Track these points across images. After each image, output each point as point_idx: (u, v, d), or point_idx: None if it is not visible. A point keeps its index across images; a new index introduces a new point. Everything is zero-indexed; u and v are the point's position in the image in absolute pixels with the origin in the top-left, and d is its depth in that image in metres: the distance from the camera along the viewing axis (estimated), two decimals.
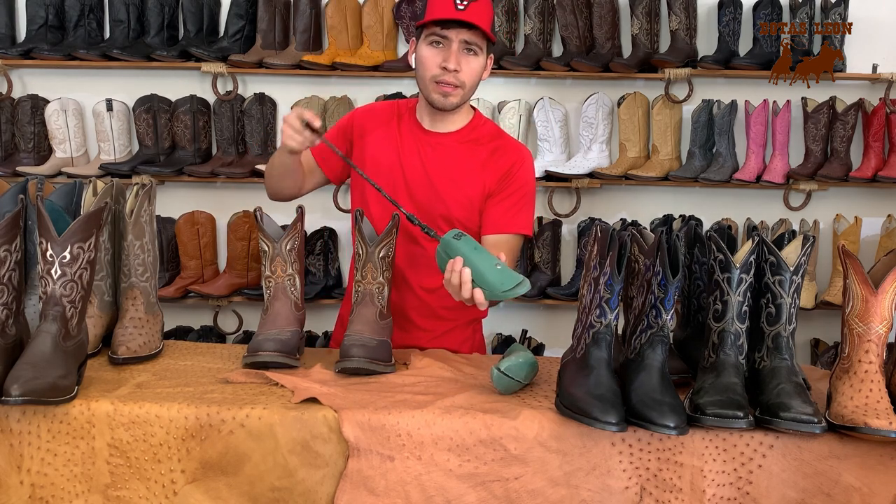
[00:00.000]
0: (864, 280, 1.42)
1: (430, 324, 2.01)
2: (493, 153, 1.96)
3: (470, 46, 1.84)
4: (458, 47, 1.83)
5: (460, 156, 1.95)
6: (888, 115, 3.18)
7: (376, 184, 1.77)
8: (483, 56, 1.88)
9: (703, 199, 3.38)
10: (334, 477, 1.44)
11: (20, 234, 1.49)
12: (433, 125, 1.97)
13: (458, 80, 1.85)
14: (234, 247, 3.36)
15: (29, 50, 3.27)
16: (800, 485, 1.41)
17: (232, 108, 3.34)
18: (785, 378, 1.43)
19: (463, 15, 1.79)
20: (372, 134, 2.00)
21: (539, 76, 3.32)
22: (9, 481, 1.45)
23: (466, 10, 1.80)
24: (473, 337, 2.10)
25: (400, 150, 1.97)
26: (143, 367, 1.69)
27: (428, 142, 1.96)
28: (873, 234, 3.27)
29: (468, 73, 1.86)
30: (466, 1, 1.80)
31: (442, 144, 1.96)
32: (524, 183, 1.96)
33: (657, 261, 1.44)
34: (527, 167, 1.99)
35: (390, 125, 1.99)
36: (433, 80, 1.86)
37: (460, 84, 1.86)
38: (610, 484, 1.43)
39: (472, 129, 1.98)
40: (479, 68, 1.88)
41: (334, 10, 3.27)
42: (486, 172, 1.95)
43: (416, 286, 1.99)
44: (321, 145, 1.95)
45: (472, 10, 1.80)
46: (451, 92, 1.86)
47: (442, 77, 1.84)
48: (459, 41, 1.83)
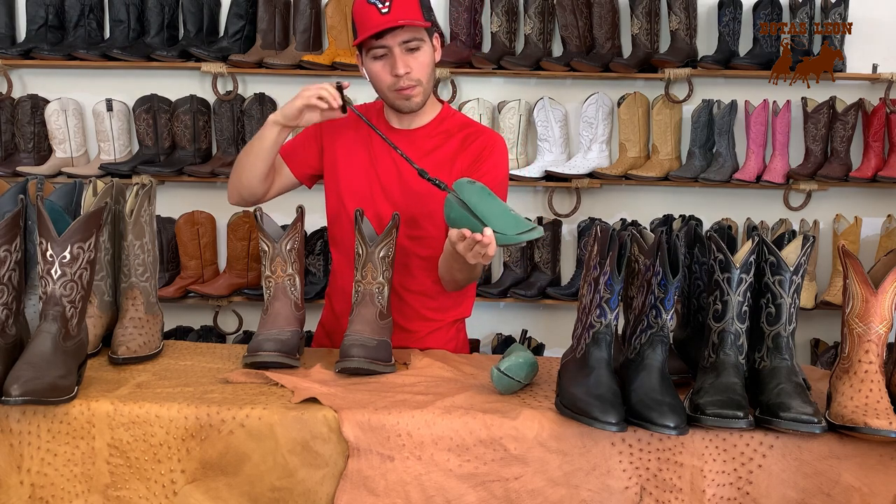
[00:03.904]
0: (864, 280, 1.42)
1: (414, 325, 2.01)
2: (462, 141, 1.97)
3: (410, 45, 1.84)
4: (400, 51, 1.84)
5: (431, 150, 1.96)
6: (888, 115, 3.18)
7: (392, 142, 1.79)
8: (427, 44, 1.88)
9: (703, 199, 3.38)
10: (334, 477, 1.44)
11: (20, 234, 1.49)
12: (401, 123, 1.99)
13: (412, 79, 1.86)
14: (234, 247, 3.36)
15: (29, 50, 3.27)
16: (800, 485, 1.41)
17: (232, 108, 3.34)
18: (785, 378, 1.43)
19: (389, 18, 1.79)
20: (342, 138, 2.02)
21: (539, 76, 3.32)
22: (9, 481, 1.45)
23: (391, 11, 1.80)
24: (457, 337, 2.10)
25: (371, 152, 1.99)
26: (143, 367, 1.69)
27: (398, 141, 1.94)
28: (873, 234, 3.27)
29: (419, 69, 1.87)
30: (388, 2, 1.80)
31: (412, 142, 1.96)
32: (494, 165, 1.95)
33: (657, 261, 1.44)
34: (498, 151, 1.97)
35: (359, 128, 2.00)
36: (390, 89, 1.88)
37: (416, 82, 1.87)
38: (610, 484, 1.43)
39: (441, 122, 1.99)
40: (427, 59, 1.88)
41: (334, 10, 3.27)
42: (457, 161, 1.95)
43: (399, 287, 1.98)
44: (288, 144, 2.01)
45: (396, 9, 1.80)
46: (411, 93, 1.88)
47: (397, 84, 1.87)
48: (398, 44, 1.83)
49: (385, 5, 1.79)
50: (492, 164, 1.95)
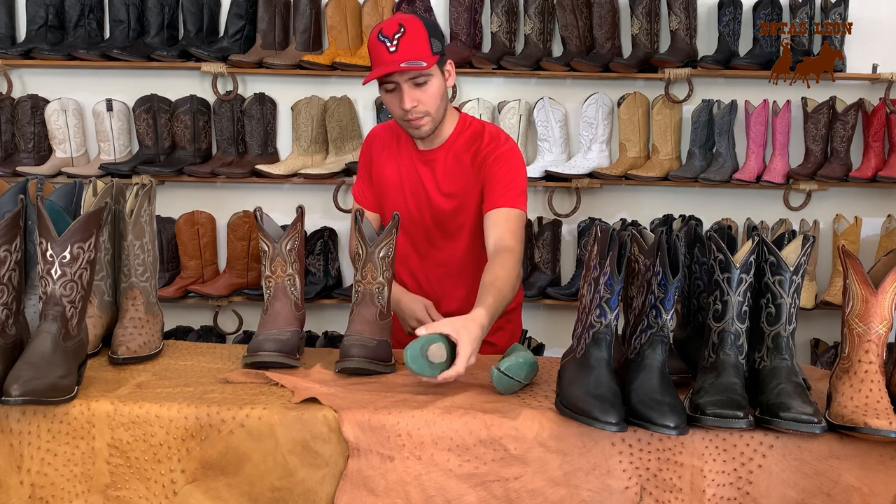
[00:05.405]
0: (864, 280, 1.42)
1: None
2: (477, 150, 2.04)
3: (417, 80, 1.90)
4: (409, 86, 1.90)
5: (450, 166, 2.05)
6: (888, 115, 3.18)
7: None
8: (436, 76, 1.94)
9: (703, 199, 3.38)
10: (334, 477, 1.44)
11: (20, 234, 1.49)
12: (424, 144, 2.07)
13: (420, 112, 1.93)
14: (234, 247, 3.36)
15: (29, 50, 3.27)
16: (800, 485, 1.41)
17: (232, 108, 3.34)
18: (785, 378, 1.43)
19: (397, 57, 1.85)
20: (380, 156, 2.13)
21: (539, 76, 3.32)
22: (9, 481, 1.45)
23: (398, 50, 1.86)
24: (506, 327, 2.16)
25: (401, 172, 2.09)
26: (143, 367, 1.69)
27: (422, 160, 2.06)
28: (873, 234, 3.27)
29: (427, 101, 1.93)
30: (396, 41, 1.86)
31: (434, 160, 2.06)
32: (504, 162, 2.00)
33: (657, 261, 1.44)
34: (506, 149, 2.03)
35: (391, 147, 2.11)
36: (401, 119, 1.96)
37: (425, 113, 1.94)
38: (610, 484, 1.43)
39: (458, 136, 2.06)
40: (436, 91, 1.94)
41: (334, 10, 3.27)
42: (474, 169, 2.03)
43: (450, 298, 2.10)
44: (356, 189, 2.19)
45: (404, 48, 1.86)
46: (420, 123, 1.95)
47: (406, 116, 1.93)
48: (406, 81, 1.89)
49: (393, 44, 1.86)
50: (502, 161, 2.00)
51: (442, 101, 1.97)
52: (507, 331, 2.16)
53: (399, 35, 1.85)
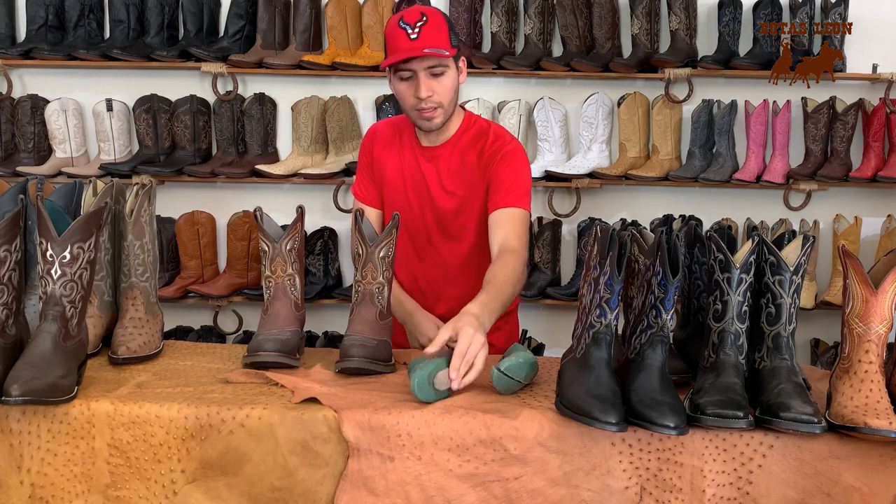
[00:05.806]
0: (864, 280, 1.42)
1: None
2: (482, 149, 2.04)
3: (435, 70, 1.89)
4: (425, 75, 1.90)
5: (454, 164, 2.04)
6: (888, 115, 3.18)
7: None
8: (452, 69, 1.94)
9: (703, 199, 3.38)
10: (334, 477, 1.44)
11: (20, 234, 1.49)
12: (428, 140, 2.06)
13: (434, 102, 1.93)
14: (234, 247, 3.36)
15: (29, 50, 3.27)
16: (800, 485, 1.41)
17: (232, 108, 3.34)
18: (785, 378, 1.43)
19: (417, 44, 1.85)
20: (382, 153, 2.12)
21: (539, 76, 3.32)
22: (9, 481, 1.45)
23: (419, 37, 1.85)
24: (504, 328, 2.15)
25: (403, 168, 2.08)
26: (143, 367, 1.69)
27: (426, 156, 2.06)
28: (873, 234, 3.27)
29: (442, 92, 1.92)
30: (417, 28, 1.85)
31: (438, 157, 2.05)
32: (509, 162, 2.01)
33: (657, 261, 1.44)
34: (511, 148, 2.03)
35: (393, 144, 2.10)
36: (413, 109, 1.95)
37: (438, 105, 1.94)
38: (610, 484, 1.43)
39: (463, 133, 2.06)
40: (451, 83, 1.94)
41: (334, 10, 3.27)
42: (479, 167, 2.03)
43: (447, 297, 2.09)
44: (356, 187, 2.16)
45: (425, 35, 1.85)
46: (432, 115, 1.95)
47: (419, 105, 1.93)
48: (423, 69, 1.89)
49: (415, 31, 1.85)
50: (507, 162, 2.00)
51: (454, 96, 1.97)
52: (504, 331, 2.16)
53: (421, 23, 1.86)
